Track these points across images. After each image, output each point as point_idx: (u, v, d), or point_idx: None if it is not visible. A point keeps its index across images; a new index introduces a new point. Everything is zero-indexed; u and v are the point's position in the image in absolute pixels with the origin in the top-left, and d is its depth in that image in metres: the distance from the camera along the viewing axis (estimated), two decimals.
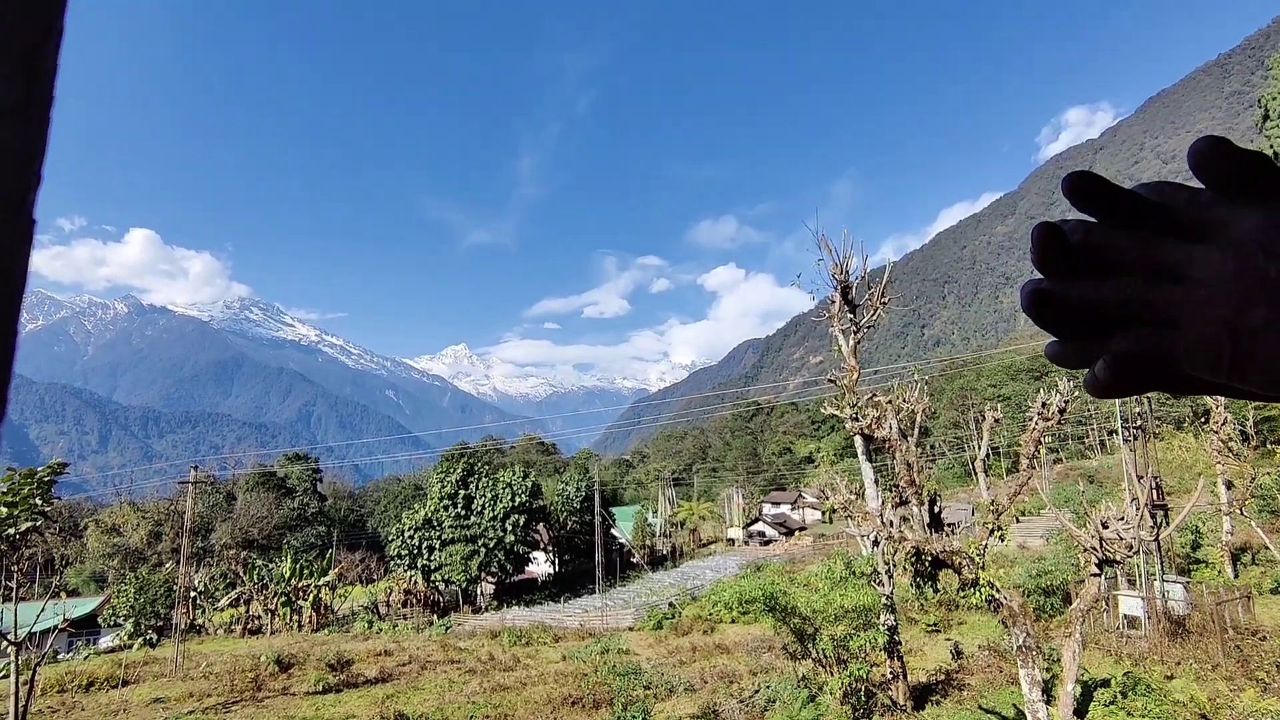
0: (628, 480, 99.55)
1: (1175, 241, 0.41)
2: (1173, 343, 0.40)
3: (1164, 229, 0.42)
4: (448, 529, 42.38)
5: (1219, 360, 0.38)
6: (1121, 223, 0.44)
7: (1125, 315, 0.42)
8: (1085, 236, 0.44)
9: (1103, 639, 19.57)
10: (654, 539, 61.01)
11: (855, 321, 15.04)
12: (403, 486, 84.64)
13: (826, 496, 16.89)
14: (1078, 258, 0.44)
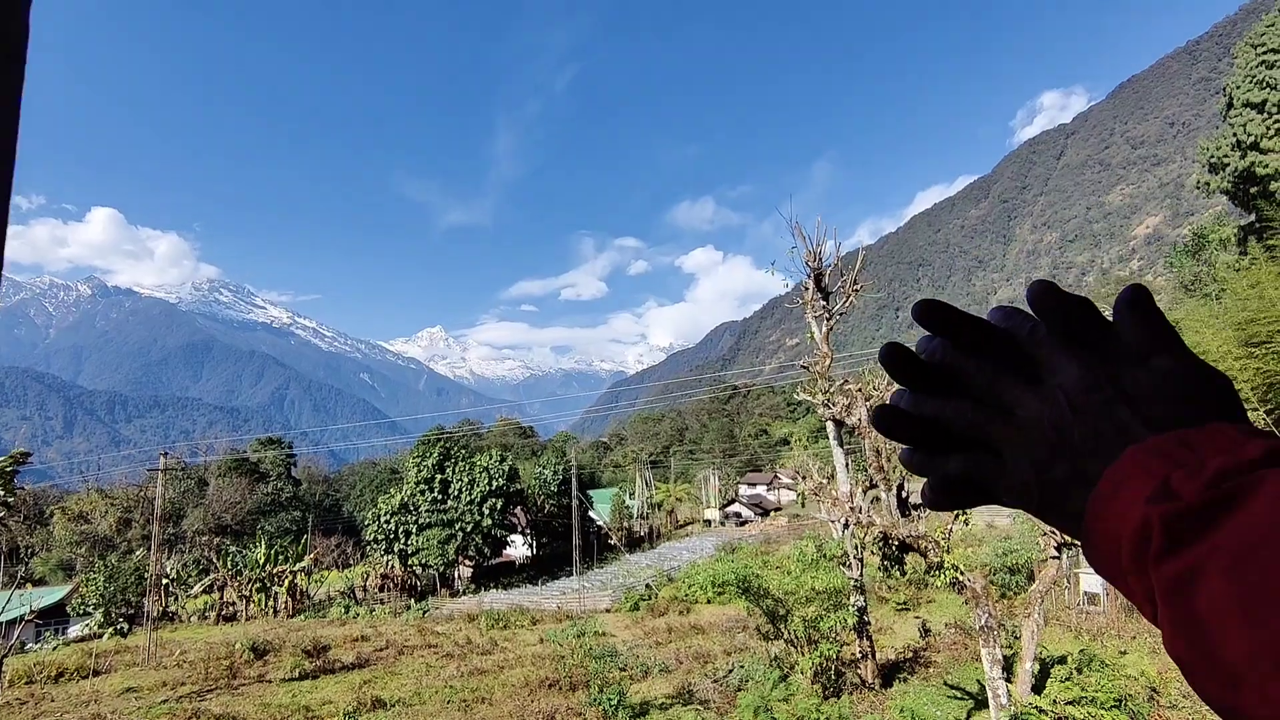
0: (605, 463, 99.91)
1: (1010, 379, 0.44)
2: (995, 474, 0.44)
3: (1005, 363, 0.45)
4: (424, 513, 42.30)
5: (1029, 501, 0.42)
6: (970, 350, 0.47)
7: (961, 438, 0.46)
8: (937, 358, 0.48)
9: (1064, 615, 20.27)
10: (631, 521, 61.48)
11: (828, 308, 15.22)
12: (378, 470, 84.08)
13: (802, 478, 17.18)
14: (930, 376, 0.48)
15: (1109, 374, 0.41)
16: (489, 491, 42.56)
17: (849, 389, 11.91)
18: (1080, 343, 0.43)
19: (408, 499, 43.04)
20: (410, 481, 43.98)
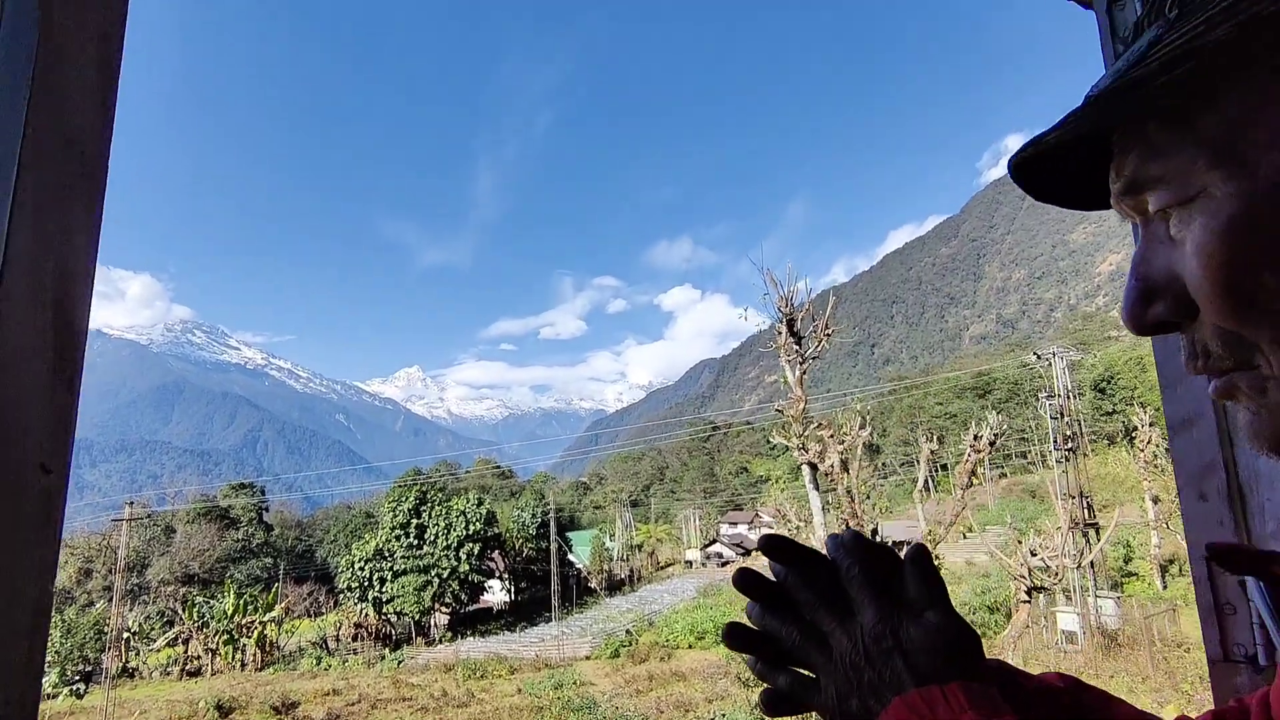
0: (585, 503, 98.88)
1: (829, 612, 0.51)
2: (813, 696, 0.50)
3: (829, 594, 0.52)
4: (400, 559, 41.41)
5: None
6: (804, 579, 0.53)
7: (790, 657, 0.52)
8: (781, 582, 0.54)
9: (1042, 655, 20.30)
10: (612, 563, 60.65)
11: (801, 352, 15.50)
12: (353, 514, 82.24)
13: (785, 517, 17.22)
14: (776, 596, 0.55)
15: (894, 623, 0.48)
16: (466, 536, 41.88)
17: (821, 435, 12.10)
18: (881, 587, 0.50)
19: (382, 545, 42.15)
20: (385, 527, 43.14)
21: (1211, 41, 0.36)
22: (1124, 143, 0.43)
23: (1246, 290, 0.37)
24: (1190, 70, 0.37)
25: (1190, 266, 0.39)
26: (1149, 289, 0.42)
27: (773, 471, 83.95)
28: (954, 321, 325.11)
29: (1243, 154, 0.37)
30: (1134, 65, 0.40)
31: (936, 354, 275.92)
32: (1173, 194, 0.40)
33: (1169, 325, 0.43)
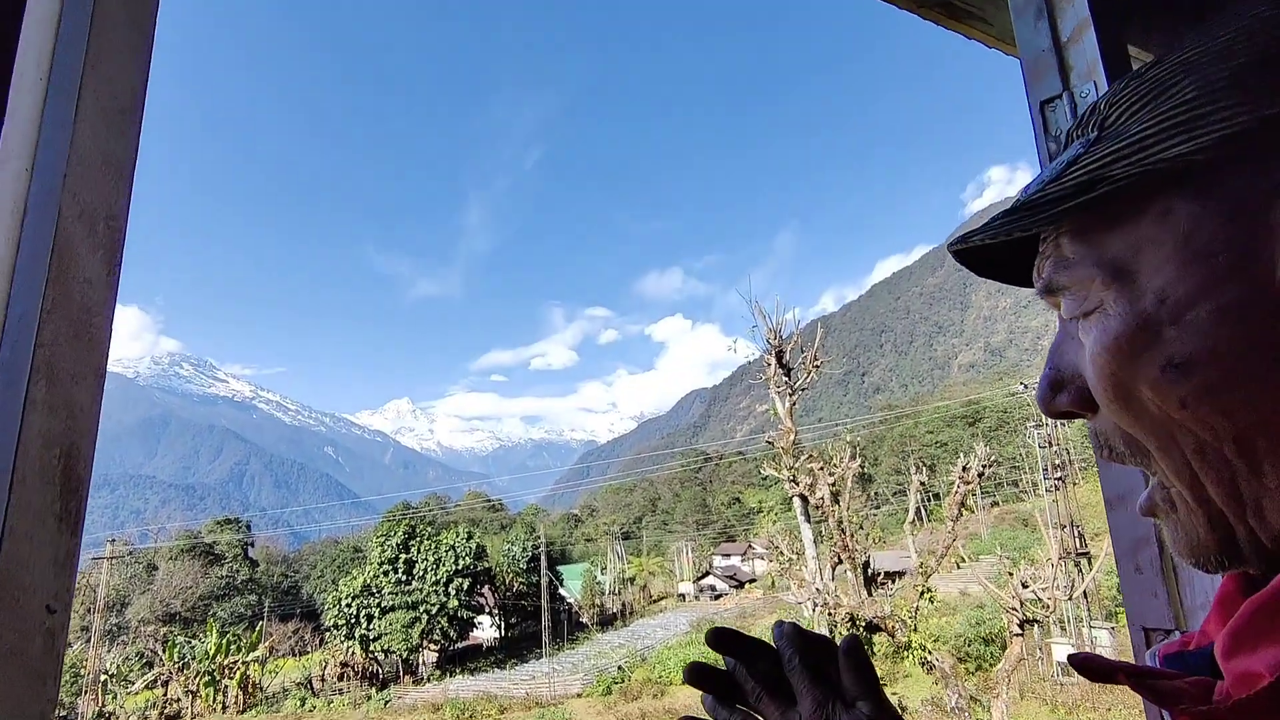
0: (576, 535, 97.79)
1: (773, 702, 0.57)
2: None
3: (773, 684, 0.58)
4: (387, 595, 40.67)
5: None
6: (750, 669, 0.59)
7: None
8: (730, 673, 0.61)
9: (1039, 688, 20.09)
10: (603, 597, 59.81)
11: (790, 384, 15.57)
12: (341, 549, 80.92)
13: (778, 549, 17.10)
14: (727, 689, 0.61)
15: (828, 712, 0.53)
16: (455, 571, 41.26)
17: (811, 467, 12.10)
18: (819, 677, 0.55)
19: (370, 580, 41.42)
20: (373, 562, 42.46)
21: (1113, 176, 0.40)
22: (1044, 248, 0.47)
23: (1132, 400, 0.41)
24: (1096, 197, 0.41)
25: (1086, 370, 0.44)
26: (1058, 379, 0.47)
27: (765, 502, 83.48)
28: (943, 350, 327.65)
29: (1133, 279, 0.40)
30: (1052, 180, 0.44)
31: (926, 383, 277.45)
32: (1076, 304, 0.44)
33: (1075, 414, 0.47)
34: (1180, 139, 0.38)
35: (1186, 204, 0.39)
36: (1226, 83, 0.38)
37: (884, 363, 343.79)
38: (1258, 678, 0.33)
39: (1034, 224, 0.44)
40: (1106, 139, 0.43)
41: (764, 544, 70.81)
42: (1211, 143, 0.37)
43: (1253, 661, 0.34)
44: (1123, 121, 0.43)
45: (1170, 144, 0.38)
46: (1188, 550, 0.43)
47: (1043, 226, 0.44)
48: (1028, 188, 0.47)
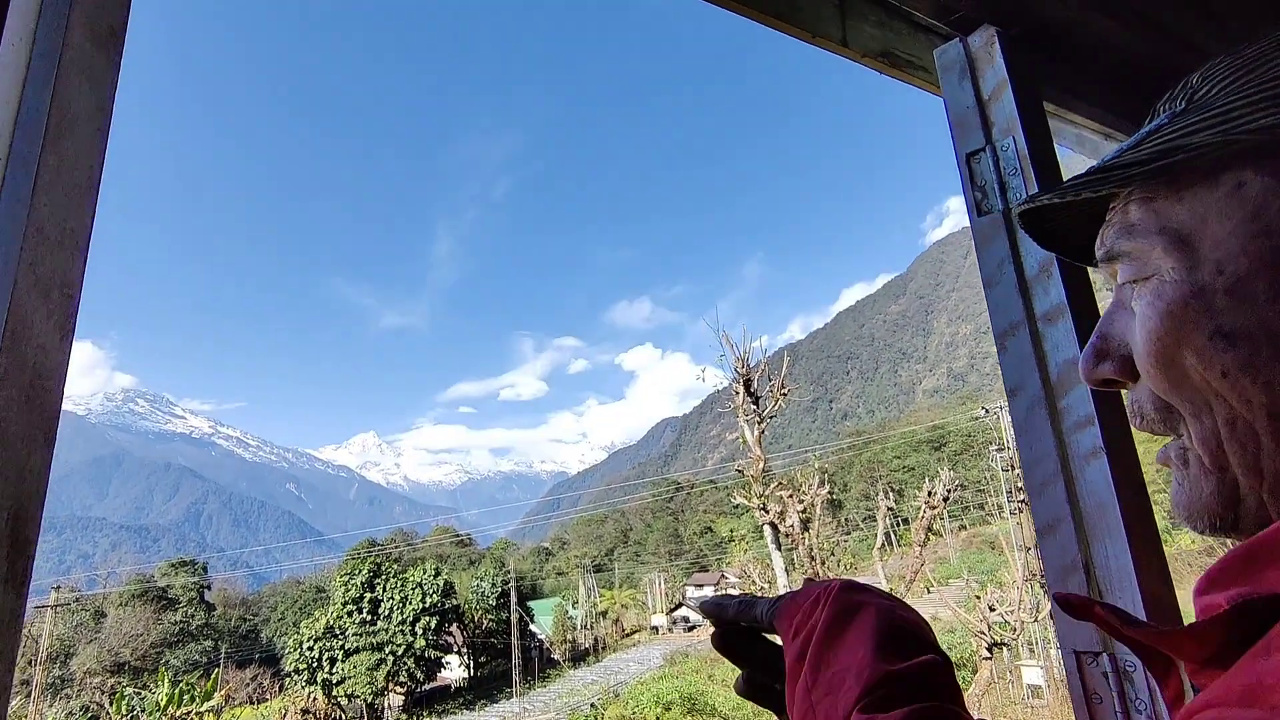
0: (548, 569, 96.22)
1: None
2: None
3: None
4: (351, 637, 39.38)
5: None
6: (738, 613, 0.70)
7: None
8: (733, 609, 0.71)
9: (1010, 710, 20.19)
10: (575, 632, 58.71)
11: (759, 412, 15.70)
12: (303, 590, 78.35)
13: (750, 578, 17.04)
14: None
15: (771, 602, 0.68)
16: (422, 609, 40.20)
17: (780, 494, 12.17)
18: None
19: (333, 621, 40.09)
20: (337, 602, 41.16)
21: (1193, 145, 0.41)
22: (1111, 215, 0.48)
23: (1175, 366, 0.42)
24: (1169, 165, 0.42)
25: (1135, 336, 0.45)
26: (1104, 348, 0.48)
27: (737, 530, 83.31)
28: (907, 376, 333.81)
29: (1194, 248, 0.42)
30: (1131, 147, 0.46)
31: (892, 408, 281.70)
32: (1134, 270, 0.45)
33: (1115, 382, 0.48)
34: (1267, 111, 0.39)
35: (1262, 179, 0.39)
36: None
37: (850, 389, 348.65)
38: (1217, 605, 0.35)
39: (1106, 185, 0.45)
40: (1194, 109, 0.44)
41: (737, 573, 70.47)
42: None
43: (1218, 596, 0.36)
44: (1212, 94, 0.44)
45: (1257, 116, 0.39)
46: (1187, 506, 0.45)
47: (1114, 188, 0.45)
48: (1105, 156, 0.48)
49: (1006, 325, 1.12)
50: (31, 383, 0.60)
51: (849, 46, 1.28)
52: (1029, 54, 1.19)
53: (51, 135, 0.65)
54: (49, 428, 0.62)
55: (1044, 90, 1.21)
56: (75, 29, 0.67)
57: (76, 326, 0.65)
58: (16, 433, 0.59)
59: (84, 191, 0.66)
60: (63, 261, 0.64)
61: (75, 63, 0.67)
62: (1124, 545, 0.96)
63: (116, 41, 0.71)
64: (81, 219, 0.66)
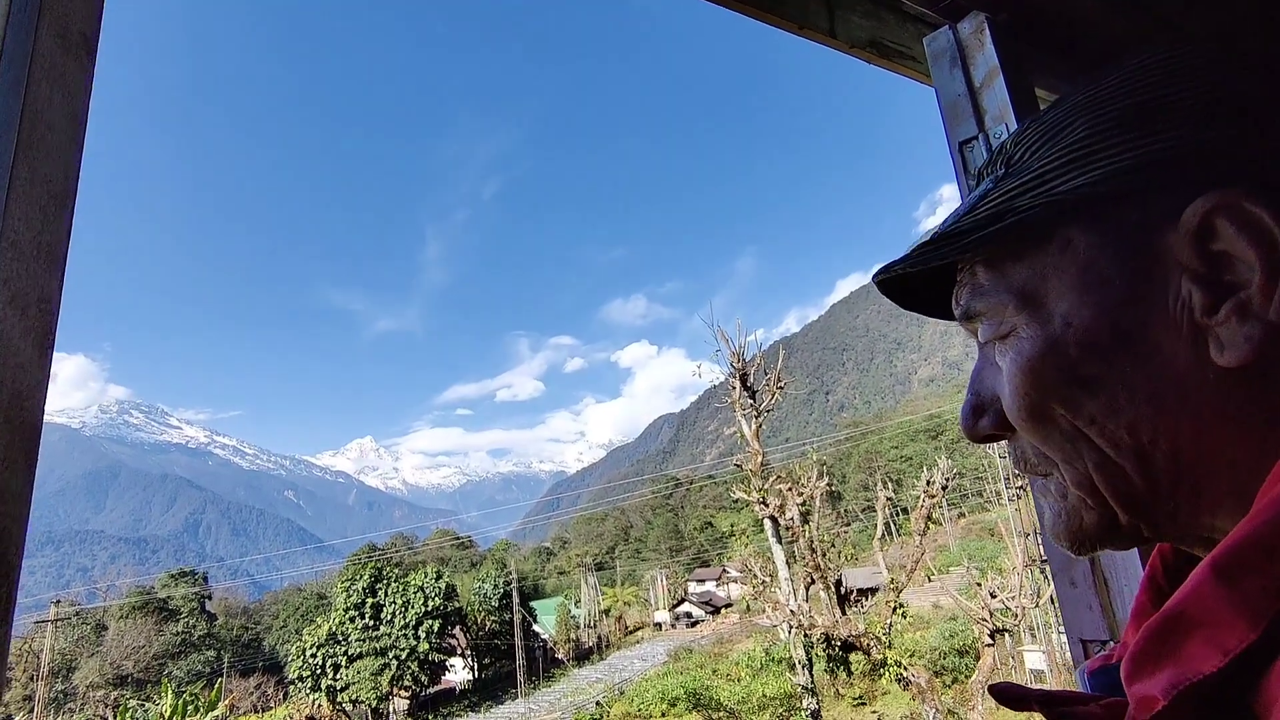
0: (549, 569, 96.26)
1: None
2: None
3: None
4: (354, 642, 39.32)
5: None
6: None
7: None
8: None
9: None
10: (578, 631, 58.76)
11: (755, 406, 15.71)
12: (304, 597, 78.14)
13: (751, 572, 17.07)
14: None
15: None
16: (425, 613, 40.16)
17: (779, 488, 12.18)
18: None
19: (336, 628, 40.02)
20: (339, 608, 41.08)
21: (1019, 208, 0.44)
22: (961, 277, 0.51)
23: (1043, 417, 0.44)
24: (1002, 229, 0.45)
25: (1003, 391, 0.47)
26: (979, 404, 0.50)
27: (737, 525, 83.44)
28: (903, 366, 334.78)
29: (1041, 304, 0.44)
30: (966, 213, 0.49)
31: (889, 398, 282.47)
32: (993, 328, 0.48)
33: (996, 436, 0.50)
34: (1075, 173, 0.42)
35: (1084, 235, 0.42)
36: (1113, 123, 0.42)
37: (847, 380, 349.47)
38: (1154, 701, 0.34)
39: (950, 253, 0.47)
40: (1013, 174, 0.47)
41: (738, 568, 70.57)
42: (1101, 177, 0.41)
43: (1149, 685, 0.35)
44: (1027, 159, 0.47)
45: (1067, 178, 0.42)
46: (1066, 533, 0.47)
47: (958, 255, 0.48)
48: (946, 220, 0.51)
49: None
50: (10, 402, 0.59)
51: (837, 37, 1.27)
52: (1019, 40, 1.19)
53: (23, 145, 0.64)
54: (29, 448, 0.61)
55: (1035, 76, 1.20)
56: (44, 36, 0.66)
57: (56, 341, 0.64)
58: None
59: (59, 202, 0.65)
60: (39, 275, 0.62)
61: (45, 70, 0.66)
62: None
63: (89, 48, 0.70)
64: (57, 231, 0.65)
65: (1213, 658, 0.33)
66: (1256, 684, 0.32)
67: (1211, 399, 0.39)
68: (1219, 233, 0.38)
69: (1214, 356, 0.38)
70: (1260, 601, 0.32)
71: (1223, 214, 0.38)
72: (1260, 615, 0.31)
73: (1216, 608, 0.33)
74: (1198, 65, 0.43)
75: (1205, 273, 0.39)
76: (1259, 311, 0.37)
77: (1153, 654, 0.36)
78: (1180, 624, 0.34)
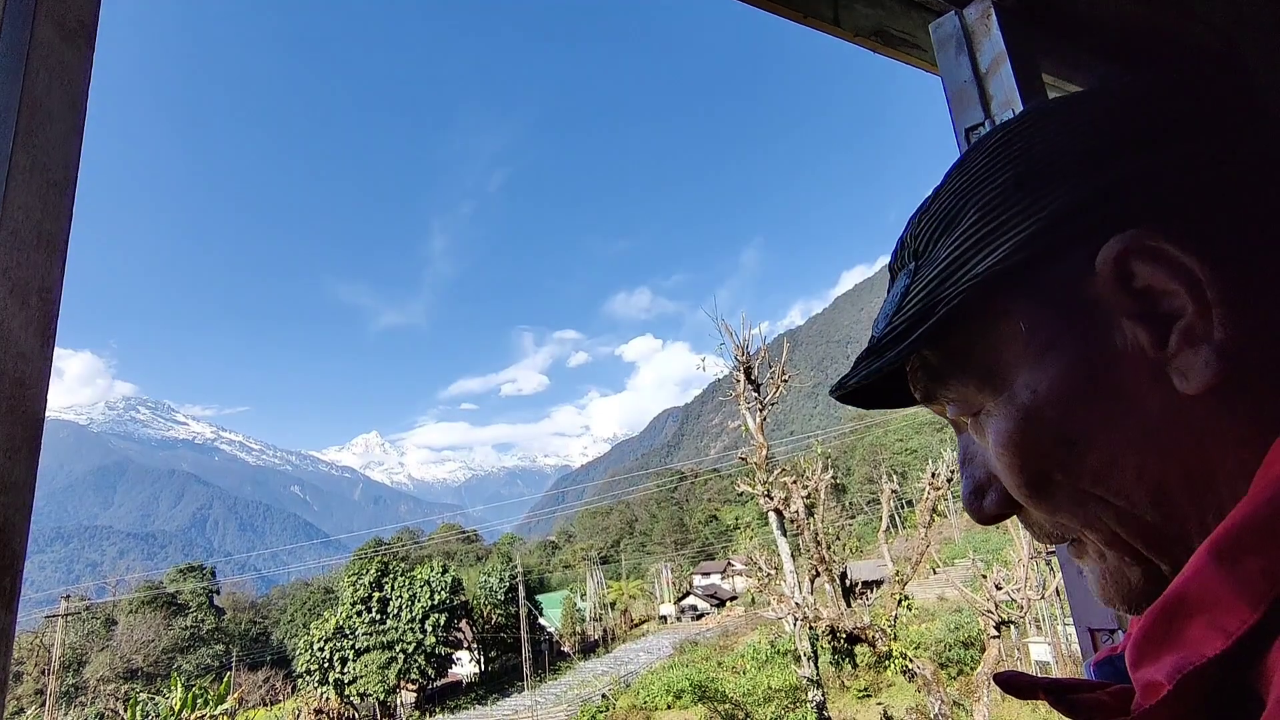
0: (554, 563, 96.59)
1: None
2: None
3: None
4: (361, 636, 39.55)
5: None
6: None
7: None
8: None
9: None
10: (584, 624, 58.98)
11: (760, 399, 15.70)
12: (311, 591, 78.63)
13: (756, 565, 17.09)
14: None
15: None
16: (431, 607, 40.34)
17: (784, 481, 12.19)
18: None
19: (343, 622, 40.26)
20: (345, 603, 41.31)
21: (945, 295, 0.43)
22: (912, 372, 0.50)
23: (1047, 487, 0.42)
24: (938, 321, 0.43)
25: (996, 471, 0.45)
26: (979, 485, 0.48)
27: (742, 518, 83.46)
28: None
29: (1002, 378, 0.43)
30: (895, 312, 0.47)
31: None
32: (961, 409, 0.47)
33: (1004, 514, 0.48)
34: (982, 256, 0.42)
35: (1018, 304, 0.42)
36: (998, 200, 0.42)
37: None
38: (1159, 687, 0.34)
39: (893, 361, 0.45)
40: (926, 265, 0.47)
41: (743, 561, 70.50)
42: (1007, 252, 0.41)
43: (1154, 671, 0.35)
44: (932, 250, 0.47)
45: (977, 261, 0.42)
46: (1119, 597, 0.45)
47: (903, 360, 0.46)
48: (877, 322, 0.50)
49: None
50: (12, 391, 0.59)
51: (841, 26, 1.26)
52: (1026, 25, 1.17)
53: (22, 134, 0.63)
54: (32, 437, 0.61)
55: (1042, 62, 1.19)
56: (42, 24, 0.66)
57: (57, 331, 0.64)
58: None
59: (59, 191, 0.65)
60: (39, 264, 0.62)
61: (44, 58, 0.66)
62: None
63: (87, 36, 0.70)
64: (58, 220, 0.64)
65: (1215, 640, 0.32)
66: (1258, 663, 0.32)
67: (1200, 423, 0.38)
68: (1136, 273, 0.38)
69: (1181, 388, 0.37)
70: (1260, 583, 0.32)
71: (1134, 256, 0.38)
72: (1260, 596, 0.31)
73: (1217, 590, 0.33)
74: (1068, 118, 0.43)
75: (1140, 310, 0.39)
76: (1204, 335, 0.37)
77: (1156, 639, 0.36)
78: (1182, 608, 0.34)
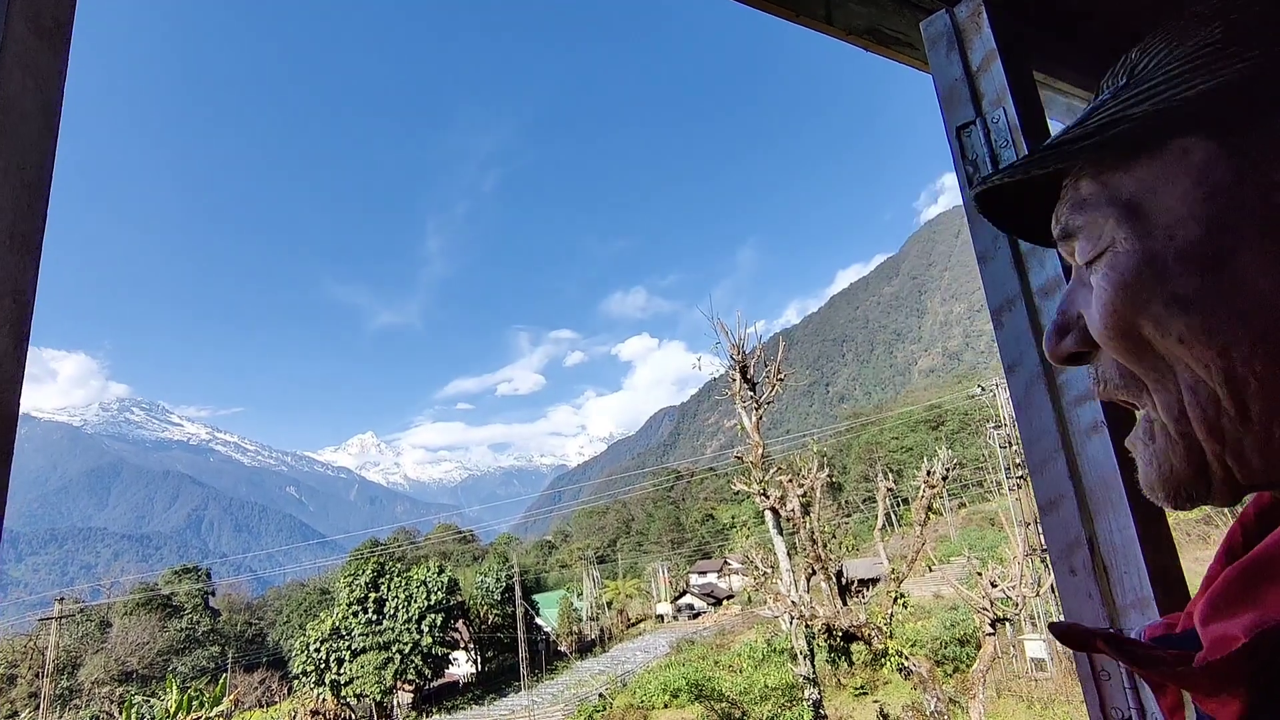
0: (551, 562, 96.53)
1: None
2: None
3: None
4: (358, 637, 39.47)
5: None
6: None
7: None
8: None
9: (1014, 685, 20.38)
10: (581, 624, 58.97)
11: (756, 398, 15.71)
12: (307, 592, 78.37)
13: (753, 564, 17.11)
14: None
15: None
16: (428, 607, 40.29)
17: (780, 479, 12.20)
18: None
19: (339, 622, 40.18)
20: (342, 603, 41.23)
21: (1134, 116, 0.41)
22: (1063, 192, 0.49)
23: (1133, 335, 0.42)
24: (1114, 136, 0.42)
25: (1091, 309, 0.45)
26: (1065, 324, 0.49)
27: (738, 517, 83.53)
28: (903, 357, 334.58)
29: (1145, 217, 0.42)
30: (1077, 123, 0.46)
31: (889, 389, 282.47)
32: (1090, 246, 0.46)
33: (1080, 356, 0.49)
34: (1201, 77, 0.39)
35: (1204, 144, 0.40)
36: (1253, 26, 0.40)
37: (847, 372, 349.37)
38: (1233, 640, 0.34)
39: (1054, 161, 0.45)
40: (1134, 83, 0.45)
41: (739, 559, 70.61)
42: (1231, 80, 0.38)
43: (1229, 626, 0.34)
44: (1150, 66, 0.45)
45: (1195, 82, 0.40)
46: (1159, 480, 0.44)
47: (1062, 164, 0.46)
48: (1055, 135, 0.49)
49: (1002, 300, 1.10)
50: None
51: (834, 24, 1.26)
52: (1017, 23, 1.17)
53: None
54: (5, 440, 0.60)
55: (1033, 60, 1.19)
56: (15, 21, 0.65)
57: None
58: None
59: (33, 192, 0.64)
60: (13, 266, 0.61)
61: (17, 57, 0.65)
62: (1128, 519, 0.95)
63: (63, 35, 0.69)
64: (32, 221, 0.64)
65: None
66: None
67: None
68: None
69: None
70: None
71: None
72: None
73: None
74: None
75: None
76: None
77: (1233, 598, 0.35)
78: (1264, 571, 0.34)
